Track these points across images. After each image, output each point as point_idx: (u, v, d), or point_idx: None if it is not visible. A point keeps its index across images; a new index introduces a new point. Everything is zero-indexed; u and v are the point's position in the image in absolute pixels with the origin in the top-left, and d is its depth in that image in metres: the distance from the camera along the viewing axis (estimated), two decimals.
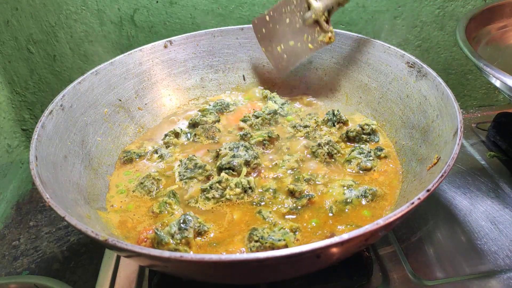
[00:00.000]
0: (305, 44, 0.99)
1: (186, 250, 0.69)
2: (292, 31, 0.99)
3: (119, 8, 1.15)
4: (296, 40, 1.00)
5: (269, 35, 1.03)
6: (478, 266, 0.81)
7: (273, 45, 1.03)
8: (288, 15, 0.98)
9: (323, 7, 0.93)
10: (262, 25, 1.04)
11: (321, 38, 0.97)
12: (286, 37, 1.01)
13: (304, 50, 1.00)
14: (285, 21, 0.99)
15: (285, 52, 1.02)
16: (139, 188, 0.84)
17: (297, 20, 0.98)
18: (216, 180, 0.80)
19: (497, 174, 1.02)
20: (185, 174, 0.85)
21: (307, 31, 0.98)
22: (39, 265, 0.92)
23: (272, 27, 1.02)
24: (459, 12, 1.22)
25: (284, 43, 1.01)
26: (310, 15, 0.95)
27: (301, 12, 0.96)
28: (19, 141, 1.28)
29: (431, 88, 0.85)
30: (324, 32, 0.96)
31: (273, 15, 1.01)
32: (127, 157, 0.93)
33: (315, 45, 0.99)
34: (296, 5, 0.97)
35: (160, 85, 1.08)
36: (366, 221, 0.74)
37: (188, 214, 0.73)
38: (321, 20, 0.94)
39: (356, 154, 0.88)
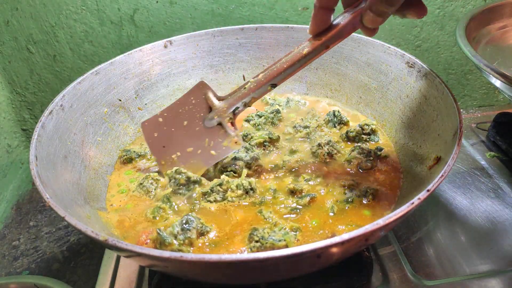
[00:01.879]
0: (206, 150, 0.83)
1: (189, 251, 0.69)
2: (191, 135, 0.83)
3: (119, 8, 1.15)
4: (196, 146, 0.83)
5: (163, 141, 0.85)
6: (478, 266, 0.81)
7: (168, 152, 0.85)
8: (186, 117, 0.83)
9: (227, 107, 0.80)
10: (154, 128, 0.86)
11: (225, 143, 0.82)
12: (184, 142, 0.84)
13: (206, 158, 0.83)
14: (182, 123, 0.83)
15: (182, 160, 0.84)
16: (138, 189, 0.83)
17: (197, 122, 0.82)
18: (217, 182, 0.80)
19: (497, 174, 1.02)
20: (180, 191, 0.81)
21: (208, 135, 0.82)
22: (39, 265, 0.92)
23: (166, 131, 0.85)
24: (459, 12, 1.22)
25: (181, 150, 0.84)
26: (212, 117, 0.81)
27: (202, 113, 0.82)
28: (19, 141, 1.28)
29: (431, 88, 0.85)
30: (229, 137, 0.81)
31: (167, 116, 0.85)
32: (127, 156, 0.93)
33: (218, 152, 0.82)
34: (195, 104, 0.82)
35: (160, 85, 1.08)
36: (367, 220, 0.74)
37: (190, 215, 0.73)
38: (225, 122, 0.81)
39: (356, 154, 0.88)
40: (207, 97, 0.81)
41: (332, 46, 0.72)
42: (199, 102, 0.83)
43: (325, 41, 0.72)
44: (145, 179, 0.84)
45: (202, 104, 0.82)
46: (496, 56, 0.99)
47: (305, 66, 0.75)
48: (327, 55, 1.08)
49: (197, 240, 0.71)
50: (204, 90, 0.82)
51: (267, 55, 1.14)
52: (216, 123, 0.81)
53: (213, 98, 0.82)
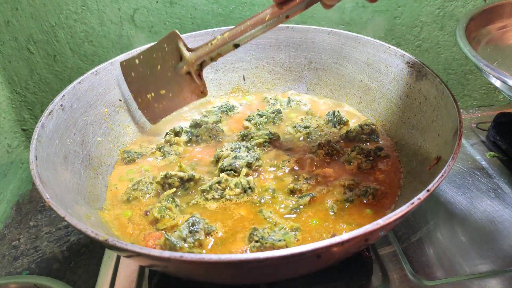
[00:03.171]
0: (176, 95, 0.91)
1: (200, 252, 0.69)
2: (164, 79, 0.90)
3: (119, 8, 1.15)
4: (167, 90, 0.91)
5: (139, 81, 0.94)
6: (478, 266, 0.81)
7: (143, 91, 0.94)
8: (160, 62, 0.89)
9: (195, 59, 0.85)
10: (131, 68, 0.94)
11: (192, 91, 0.89)
12: (157, 84, 0.91)
13: (176, 101, 0.92)
14: (156, 67, 0.90)
15: (156, 101, 0.93)
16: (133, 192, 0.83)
17: (169, 68, 0.89)
18: (216, 180, 0.80)
19: (497, 174, 1.02)
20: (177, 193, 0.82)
21: (179, 82, 0.89)
22: (39, 265, 0.92)
23: (142, 72, 0.92)
24: (459, 12, 1.22)
25: (155, 91, 0.92)
26: (181, 66, 0.86)
27: (173, 61, 0.88)
28: (19, 141, 1.28)
29: (431, 88, 0.85)
30: (196, 85, 0.88)
31: (143, 59, 0.92)
32: (130, 158, 0.92)
33: (187, 97, 0.91)
34: (167, 52, 0.88)
35: None
36: (367, 220, 0.74)
37: (194, 216, 0.73)
38: (193, 72, 0.86)
39: (356, 154, 0.88)
40: (178, 46, 0.86)
41: (292, 17, 0.77)
42: (171, 50, 0.87)
43: (286, 10, 0.76)
44: (138, 184, 0.84)
45: (174, 52, 0.87)
46: (496, 56, 0.99)
47: (266, 31, 0.79)
48: (327, 55, 1.09)
49: (206, 240, 0.71)
50: (175, 39, 0.87)
51: (267, 55, 1.14)
52: (185, 72, 0.87)
53: (183, 48, 0.86)
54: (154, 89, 0.92)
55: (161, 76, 0.90)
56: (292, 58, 1.13)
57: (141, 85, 0.93)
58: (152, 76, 0.91)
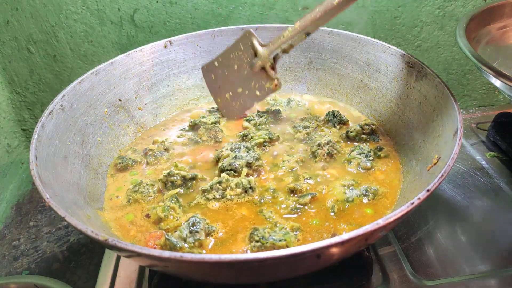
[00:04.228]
0: (252, 91, 0.93)
1: (200, 252, 0.69)
2: (240, 77, 0.93)
3: (119, 8, 1.15)
4: (244, 87, 0.94)
5: (218, 82, 0.97)
6: (478, 266, 0.81)
7: (222, 91, 0.97)
8: (236, 61, 0.93)
9: (268, 53, 0.88)
10: (211, 70, 0.98)
11: (267, 85, 0.91)
12: (235, 83, 0.95)
13: (252, 97, 0.94)
14: (233, 67, 0.93)
15: (234, 99, 0.96)
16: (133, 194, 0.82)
17: (245, 66, 0.92)
18: (217, 180, 0.80)
19: (497, 174, 1.02)
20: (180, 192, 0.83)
21: (254, 78, 0.92)
22: (39, 265, 0.92)
23: (221, 73, 0.96)
24: (459, 12, 1.22)
25: (233, 90, 0.95)
26: (256, 62, 0.89)
27: (248, 58, 0.91)
28: (19, 141, 1.28)
29: (431, 88, 0.85)
30: (270, 79, 0.90)
31: (221, 61, 0.96)
32: (123, 164, 0.90)
33: (262, 93, 0.92)
34: (243, 51, 0.92)
35: (160, 85, 1.08)
36: (368, 220, 0.74)
37: (195, 216, 0.73)
38: (267, 66, 0.89)
39: (356, 154, 0.88)
40: (252, 44, 0.89)
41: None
42: (246, 49, 0.91)
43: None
44: (139, 185, 0.83)
45: (249, 50, 0.91)
46: (496, 56, 0.99)
47: (335, 15, 0.80)
48: (327, 55, 1.09)
49: (206, 240, 0.71)
50: (250, 38, 0.90)
51: None
52: (260, 67, 0.89)
53: (257, 44, 0.89)
54: (232, 88, 0.95)
55: (238, 75, 0.93)
56: (292, 58, 1.13)
57: (220, 85, 0.97)
58: (230, 76, 0.94)
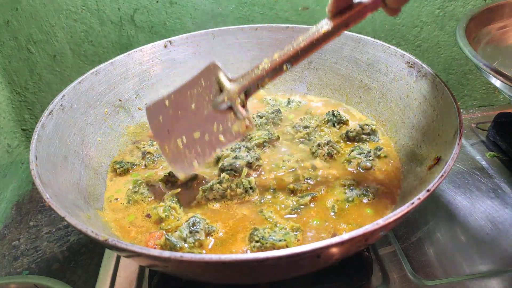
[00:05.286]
0: (214, 135, 0.76)
1: (200, 252, 0.69)
2: (199, 119, 0.77)
3: (119, 8, 1.15)
4: (203, 131, 0.77)
5: (167, 125, 0.80)
6: (478, 266, 0.81)
7: (172, 137, 0.79)
8: (195, 99, 0.77)
9: (239, 90, 0.73)
10: (159, 111, 0.81)
11: (235, 128, 0.75)
12: (190, 127, 0.78)
13: (213, 143, 0.76)
14: (189, 106, 0.78)
15: (187, 147, 0.78)
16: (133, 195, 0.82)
17: (205, 105, 0.76)
18: (217, 180, 0.80)
19: (497, 174, 1.02)
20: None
21: (217, 119, 0.75)
22: (39, 265, 0.92)
23: (173, 115, 0.79)
24: (459, 12, 1.22)
25: (187, 135, 0.78)
26: (222, 99, 0.74)
27: (211, 95, 0.76)
28: (19, 141, 1.28)
29: (431, 88, 0.85)
30: (240, 120, 0.74)
31: (174, 99, 0.80)
32: (123, 168, 0.90)
33: (228, 137, 0.75)
34: (204, 87, 0.77)
35: (160, 85, 1.08)
36: (368, 219, 0.74)
37: (195, 216, 0.73)
38: (236, 104, 0.73)
39: (356, 154, 0.88)
40: (218, 78, 0.75)
41: (352, 26, 0.68)
42: (209, 84, 0.77)
43: (345, 19, 0.67)
44: (138, 186, 0.83)
45: (212, 86, 0.76)
46: (496, 56, 0.99)
47: (322, 46, 0.70)
48: (327, 55, 1.09)
49: (206, 240, 0.71)
50: (215, 71, 0.76)
51: (267, 55, 1.12)
52: (227, 106, 0.75)
53: (224, 79, 0.75)
54: (186, 133, 0.78)
55: (195, 116, 0.77)
56: None
57: (169, 129, 0.80)
58: (184, 118, 0.79)
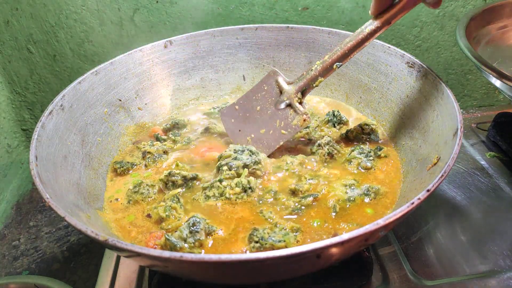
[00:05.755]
0: (277, 130, 0.89)
1: (200, 252, 0.69)
2: (263, 118, 0.91)
3: (119, 8, 1.15)
4: (267, 128, 0.90)
5: (239, 125, 0.93)
6: (478, 266, 0.81)
7: (243, 135, 0.93)
8: (259, 102, 0.91)
9: (296, 91, 0.87)
10: (231, 115, 0.95)
11: (295, 122, 0.87)
12: (256, 125, 0.91)
13: (277, 137, 0.89)
14: (255, 109, 0.91)
15: (255, 141, 0.91)
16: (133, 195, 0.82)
17: (269, 106, 0.90)
18: (217, 178, 0.80)
19: (497, 174, 1.02)
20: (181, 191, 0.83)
21: (279, 116, 0.89)
22: (39, 265, 0.92)
23: (242, 116, 0.93)
24: (459, 12, 1.22)
25: (255, 132, 0.91)
26: (282, 99, 0.87)
27: (273, 97, 0.89)
28: (19, 141, 1.28)
29: (431, 88, 0.85)
30: (298, 115, 0.87)
31: (242, 104, 0.93)
32: (123, 168, 0.90)
33: (289, 131, 0.88)
34: (267, 91, 0.90)
35: (160, 85, 1.08)
36: (369, 219, 0.74)
37: (196, 216, 0.73)
38: (294, 102, 0.87)
39: (356, 154, 0.88)
40: (277, 82, 0.88)
41: (394, 22, 0.78)
42: (271, 88, 0.90)
43: (387, 18, 0.77)
44: (139, 186, 0.83)
45: (273, 89, 0.89)
46: (496, 56, 0.99)
47: (367, 44, 0.81)
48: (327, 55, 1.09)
49: (206, 240, 0.71)
50: (275, 77, 0.89)
51: (267, 55, 1.14)
52: (286, 105, 0.88)
53: (283, 83, 0.88)
54: (254, 130, 0.92)
55: (261, 116, 0.91)
56: (292, 58, 1.13)
57: (241, 129, 0.93)
58: (251, 118, 0.92)
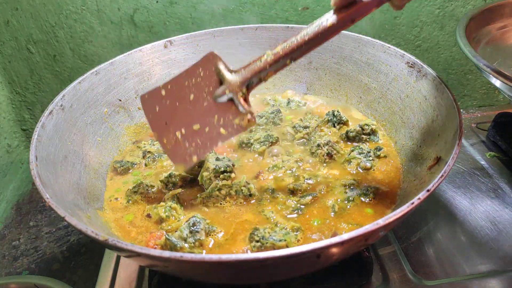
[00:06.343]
0: (215, 128, 0.73)
1: (200, 252, 0.69)
2: (198, 111, 0.73)
3: (119, 8, 1.15)
4: (202, 124, 0.73)
5: (165, 116, 0.76)
6: (478, 266, 0.81)
7: (170, 129, 0.76)
8: (193, 90, 0.73)
9: (241, 82, 0.70)
10: (155, 101, 0.77)
11: (237, 121, 0.71)
12: (188, 119, 0.74)
13: (214, 136, 0.73)
14: (187, 97, 0.74)
15: (187, 139, 0.75)
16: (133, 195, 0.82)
17: (205, 96, 0.72)
18: (216, 187, 0.80)
19: (497, 174, 1.02)
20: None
21: (218, 112, 0.72)
22: (39, 265, 0.92)
23: (170, 105, 0.75)
24: (459, 12, 1.22)
25: (186, 127, 0.74)
26: (222, 91, 0.71)
27: (211, 87, 0.72)
28: (19, 141, 1.28)
29: (431, 88, 0.85)
30: (241, 114, 0.70)
31: (171, 89, 0.76)
32: (123, 167, 0.90)
33: (229, 130, 0.72)
34: (203, 77, 0.73)
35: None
36: (369, 219, 0.74)
37: (195, 216, 0.73)
38: (238, 97, 0.70)
39: (355, 154, 0.88)
40: (217, 69, 0.72)
41: (357, 21, 0.65)
42: (208, 75, 0.73)
43: (351, 13, 0.63)
44: (138, 186, 0.83)
45: (212, 77, 0.72)
46: (496, 56, 0.99)
47: (326, 40, 0.67)
48: (327, 55, 1.09)
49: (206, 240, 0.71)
50: (214, 61, 0.73)
51: None
52: (227, 98, 0.71)
53: (224, 70, 0.72)
54: (185, 125, 0.75)
55: (194, 108, 0.74)
56: None
57: (167, 121, 0.76)
58: (182, 109, 0.75)
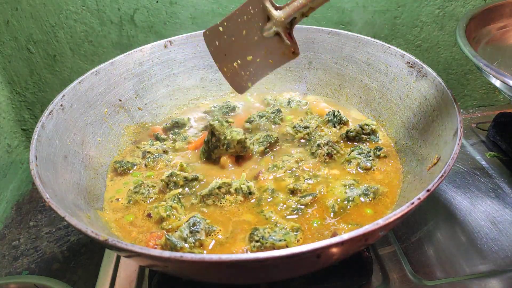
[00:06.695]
0: (265, 59, 0.84)
1: (201, 252, 0.69)
2: (250, 44, 0.84)
3: (119, 8, 1.15)
4: (254, 55, 0.85)
5: (224, 49, 0.88)
6: (478, 266, 0.81)
7: (229, 60, 0.88)
8: (245, 26, 0.83)
9: (285, 17, 0.78)
10: (215, 37, 0.88)
11: (283, 52, 0.82)
12: (243, 51, 0.85)
13: (264, 66, 0.85)
14: (241, 32, 0.84)
15: (242, 68, 0.87)
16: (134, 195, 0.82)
17: (255, 32, 0.82)
18: (216, 185, 0.80)
19: (497, 174, 1.02)
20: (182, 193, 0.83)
21: (267, 45, 0.83)
22: (39, 265, 0.92)
23: (227, 40, 0.86)
24: (459, 12, 1.22)
25: (241, 58, 0.86)
26: (270, 27, 0.80)
27: (260, 23, 0.81)
28: (19, 141, 1.28)
29: (431, 88, 0.85)
30: (287, 46, 0.81)
31: (227, 26, 0.86)
32: (123, 168, 0.90)
33: (276, 60, 0.84)
34: (253, 14, 0.82)
35: (160, 85, 1.08)
36: (368, 219, 0.74)
37: (195, 216, 0.73)
38: (283, 32, 0.79)
39: (355, 154, 0.88)
40: (264, 6, 0.79)
41: None
42: (257, 12, 0.81)
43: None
44: (139, 186, 0.83)
45: (260, 13, 0.81)
46: (496, 56, 0.99)
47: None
48: (327, 55, 1.09)
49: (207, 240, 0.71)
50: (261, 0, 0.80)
51: None
52: (274, 33, 0.80)
53: (270, 7, 0.79)
54: (240, 56, 0.86)
55: (247, 41, 0.84)
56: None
57: (226, 53, 0.87)
58: (237, 43, 0.85)
